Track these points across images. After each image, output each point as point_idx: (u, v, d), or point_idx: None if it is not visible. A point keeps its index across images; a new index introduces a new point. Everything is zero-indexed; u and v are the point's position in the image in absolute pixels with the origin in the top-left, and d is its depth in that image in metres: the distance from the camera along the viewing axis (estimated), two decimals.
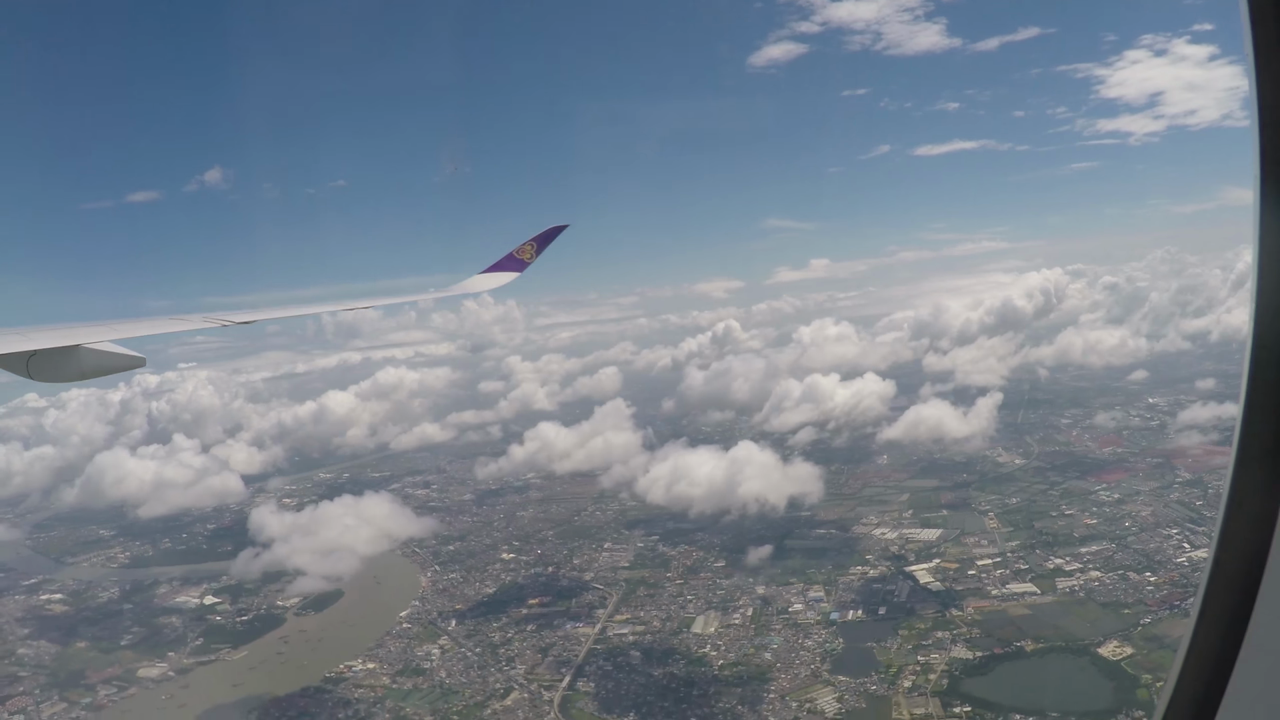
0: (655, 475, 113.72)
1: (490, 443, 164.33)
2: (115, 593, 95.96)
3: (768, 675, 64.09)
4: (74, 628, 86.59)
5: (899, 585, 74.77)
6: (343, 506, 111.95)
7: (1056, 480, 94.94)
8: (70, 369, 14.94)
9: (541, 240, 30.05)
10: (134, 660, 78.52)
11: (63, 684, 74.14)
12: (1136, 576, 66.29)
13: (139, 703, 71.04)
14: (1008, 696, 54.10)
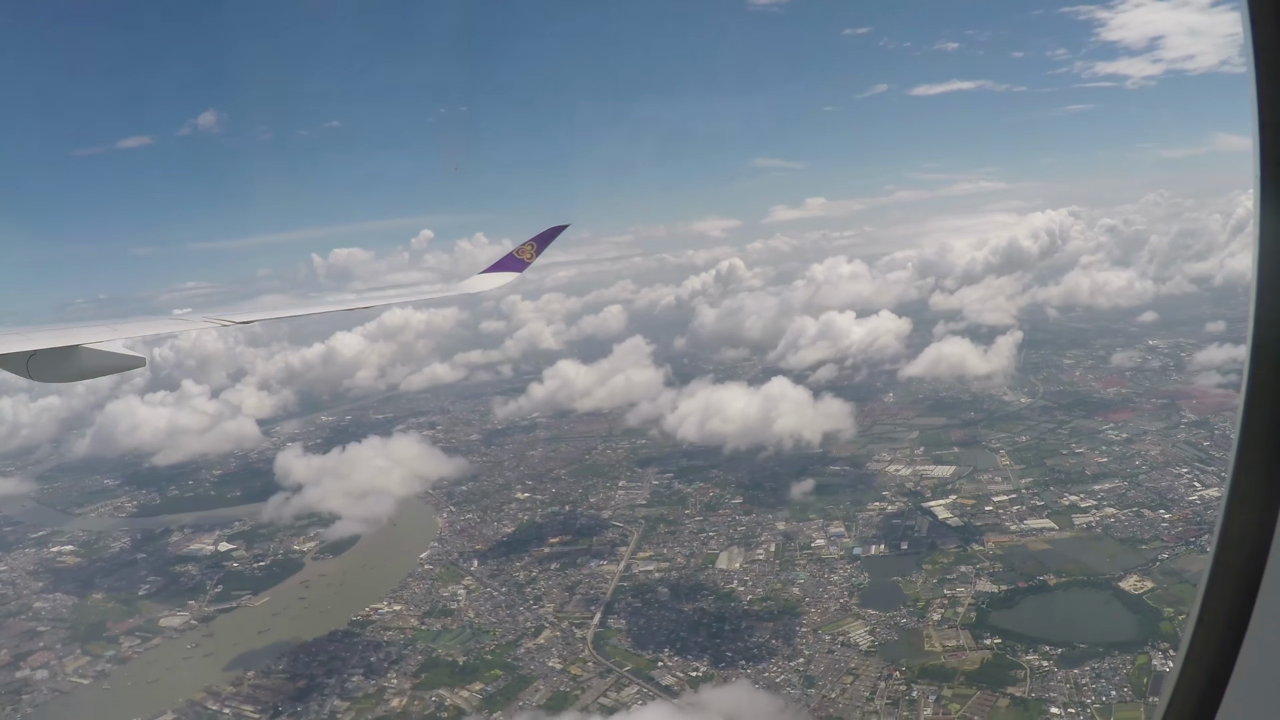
0: (684, 412, 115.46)
1: (501, 382, 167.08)
2: (127, 542, 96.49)
3: (797, 609, 66.86)
4: (89, 579, 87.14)
5: (918, 521, 77.71)
6: (371, 449, 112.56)
7: (1064, 419, 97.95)
8: (70, 369, 15.03)
9: (541, 240, 30.58)
10: (154, 610, 79.32)
11: (84, 637, 74.65)
12: (1150, 514, 69.33)
13: (164, 653, 71.77)
14: (1035, 628, 57.01)
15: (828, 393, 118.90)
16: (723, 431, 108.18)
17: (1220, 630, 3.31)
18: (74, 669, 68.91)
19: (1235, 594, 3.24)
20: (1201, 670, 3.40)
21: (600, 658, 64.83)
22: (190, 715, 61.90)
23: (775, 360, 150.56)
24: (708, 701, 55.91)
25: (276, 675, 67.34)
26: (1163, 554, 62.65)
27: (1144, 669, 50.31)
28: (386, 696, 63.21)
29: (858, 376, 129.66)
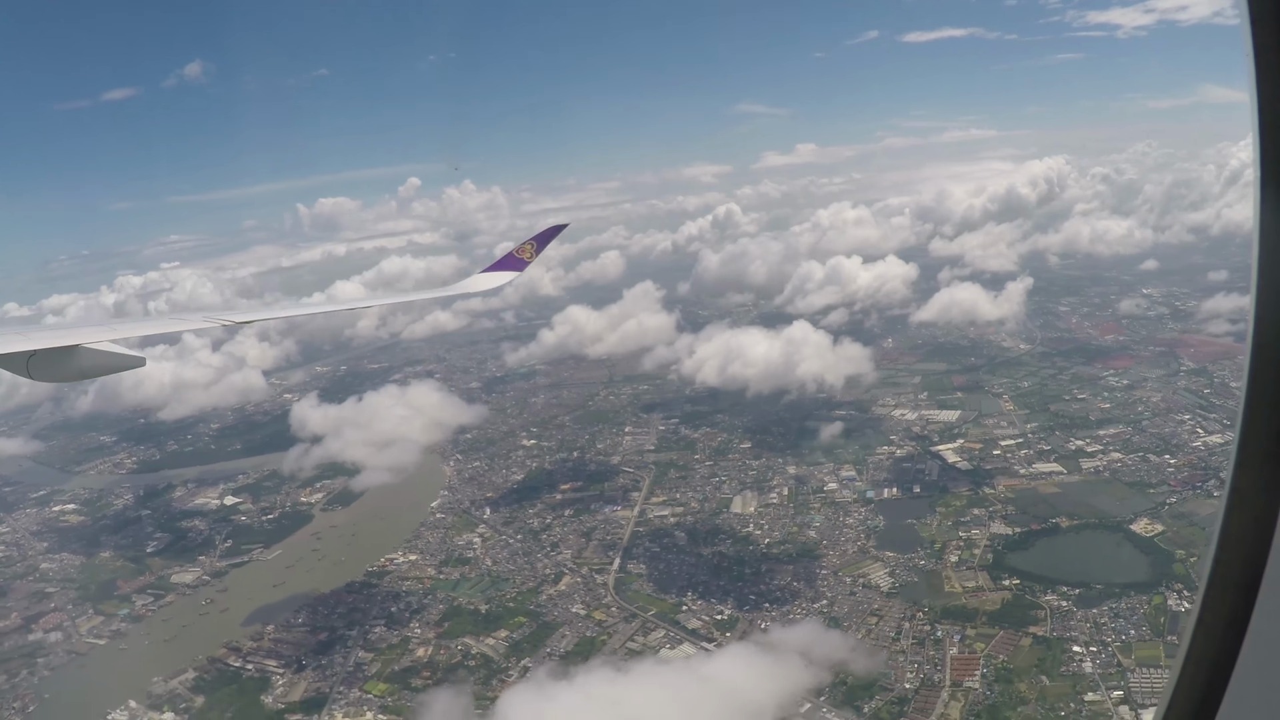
0: (702, 356, 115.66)
1: (504, 329, 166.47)
2: (130, 499, 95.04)
3: (816, 552, 68.33)
4: (94, 538, 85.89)
5: (928, 464, 79.44)
6: (388, 397, 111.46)
7: (1064, 365, 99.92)
8: (70, 369, 15.10)
9: (541, 239, 31.24)
10: (164, 567, 78.43)
11: (95, 596, 73.73)
12: (1156, 459, 71.40)
13: (178, 610, 71.20)
14: (1051, 570, 59.05)
15: (843, 337, 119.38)
16: (743, 376, 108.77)
17: (1220, 630, 3.33)
18: (88, 629, 68.04)
19: (1235, 594, 3.27)
20: (1201, 670, 3.42)
21: (623, 602, 65.91)
22: (213, 672, 61.89)
23: (782, 305, 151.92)
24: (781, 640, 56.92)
25: (297, 628, 67.44)
26: (1170, 498, 64.73)
27: (1160, 609, 52.38)
28: (411, 646, 63.73)
29: (867, 321, 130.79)
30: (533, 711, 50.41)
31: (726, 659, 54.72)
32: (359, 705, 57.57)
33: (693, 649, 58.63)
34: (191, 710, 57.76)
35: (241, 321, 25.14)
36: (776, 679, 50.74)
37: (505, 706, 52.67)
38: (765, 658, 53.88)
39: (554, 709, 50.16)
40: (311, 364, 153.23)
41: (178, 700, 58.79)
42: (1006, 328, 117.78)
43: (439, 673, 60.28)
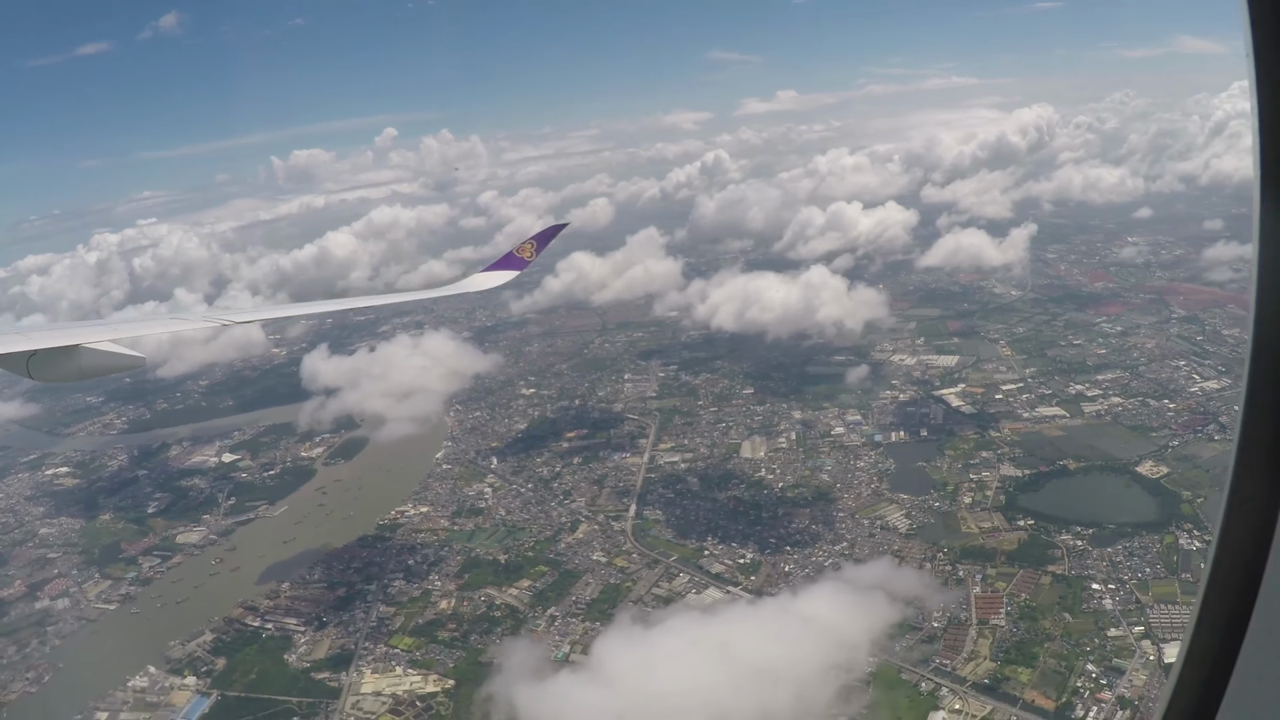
0: (715, 301, 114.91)
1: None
2: (124, 460, 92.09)
3: (831, 495, 69.30)
4: (92, 500, 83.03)
5: (932, 408, 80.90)
6: (399, 347, 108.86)
7: (1057, 312, 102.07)
8: (70, 369, 15.29)
9: (541, 238, 31.42)
10: (168, 528, 76.26)
11: (99, 560, 71.43)
12: (1155, 403, 73.51)
13: (188, 571, 69.45)
14: (1063, 510, 60.83)
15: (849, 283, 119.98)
16: (761, 320, 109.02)
17: (1220, 630, 3.36)
18: (96, 594, 65.95)
19: (1235, 594, 3.30)
20: (1201, 670, 3.45)
21: (644, 549, 66.28)
22: (231, 633, 60.64)
23: (783, 250, 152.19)
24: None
25: (313, 585, 66.29)
26: (1173, 441, 66.78)
27: (1172, 548, 54.46)
28: (433, 599, 63.28)
29: (872, 267, 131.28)
30: (640, 659, 49.87)
31: (810, 598, 55.02)
32: (386, 660, 57.14)
33: (719, 593, 59.50)
34: (214, 673, 56.58)
35: (242, 321, 27.48)
36: (863, 615, 51.59)
37: (603, 656, 52.05)
38: (848, 595, 54.30)
39: (660, 655, 49.79)
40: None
41: (198, 663, 57.48)
42: (1013, 274, 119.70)
43: (464, 625, 60.09)
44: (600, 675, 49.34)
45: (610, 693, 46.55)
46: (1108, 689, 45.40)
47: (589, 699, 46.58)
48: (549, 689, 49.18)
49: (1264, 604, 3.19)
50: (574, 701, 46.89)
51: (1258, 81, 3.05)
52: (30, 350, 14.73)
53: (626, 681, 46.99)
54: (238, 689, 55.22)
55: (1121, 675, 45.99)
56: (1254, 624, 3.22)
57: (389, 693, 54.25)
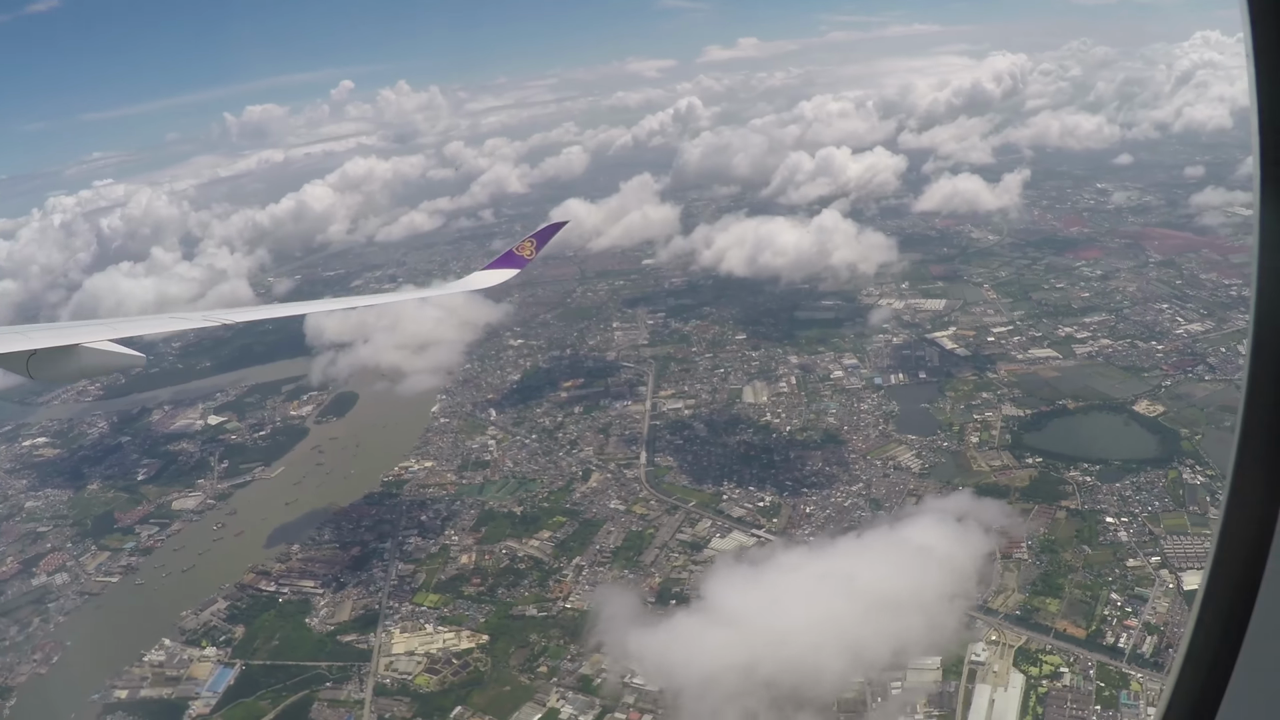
0: (722, 246, 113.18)
1: (484, 227, 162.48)
2: (104, 427, 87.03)
3: (840, 437, 70.09)
4: (76, 470, 78.38)
5: (927, 351, 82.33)
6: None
7: (1036, 256, 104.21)
8: (70, 368, 15.47)
9: (541, 237, 31.80)
10: (161, 494, 72.44)
11: (93, 532, 67.50)
12: (1144, 345, 76.10)
13: (189, 538, 66.28)
14: (1068, 448, 62.79)
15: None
16: (774, 265, 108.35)
17: (1220, 630, 3.39)
18: (95, 567, 62.41)
19: (1235, 594, 3.32)
20: (1201, 670, 3.49)
21: (661, 495, 66.08)
22: (245, 600, 58.05)
23: (773, 196, 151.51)
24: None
25: (325, 546, 63.93)
26: (1166, 381, 69.34)
27: (1177, 482, 56.71)
28: (452, 554, 61.89)
29: (868, 212, 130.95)
30: (767, 596, 49.18)
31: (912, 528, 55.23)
32: (414, 619, 55.80)
33: (744, 536, 59.94)
34: (233, 641, 54.24)
35: (244, 321, 27.69)
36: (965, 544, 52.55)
37: (722, 594, 51.06)
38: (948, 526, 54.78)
39: (789, 592, 49.29)
40: (279, 272, 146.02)
41: (215, 633, 54.97)
42: (1009, 218, 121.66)
43: (489, 578, 59.08)
44: (716, 615, 48.89)
45: (734, 631, 46.20)
46: (1134, 616, 47.55)
47: (715, 640, 46.11)
48: (669, 633, 48.82)
49: (1264, 604, 3.20)
50: (703, 643, 46.39)
51: (1258, 81, 3.03)
52: (30, 350, 14.67)
53: (746, 619, 46.67)
54: (261, 657, 53.15)
55: (1145, 603, 48.19)
56: (1254, 624, 3.22)
57: (422, 652, 53.10)
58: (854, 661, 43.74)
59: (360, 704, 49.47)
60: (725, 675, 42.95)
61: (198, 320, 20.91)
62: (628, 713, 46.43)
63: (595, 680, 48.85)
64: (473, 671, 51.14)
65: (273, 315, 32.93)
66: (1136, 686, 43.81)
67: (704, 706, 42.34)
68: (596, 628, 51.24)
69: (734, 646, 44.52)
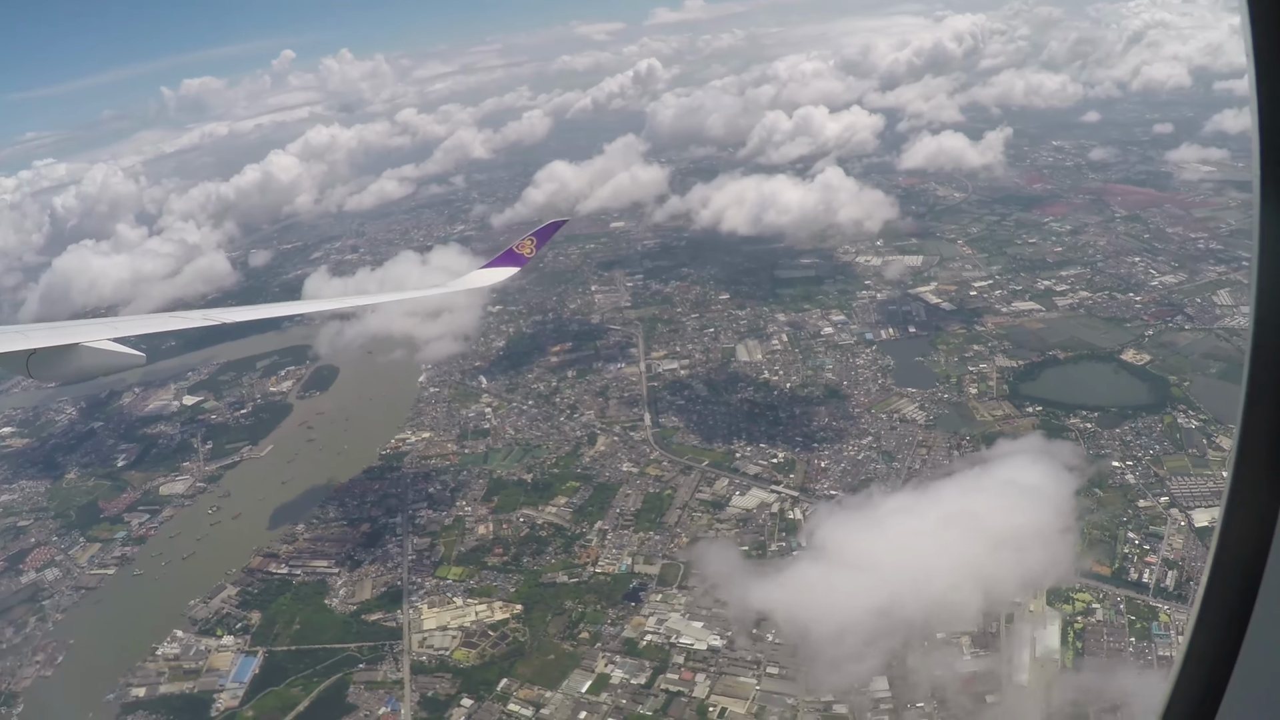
0: (719, 205, 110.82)
1: (455, 193, 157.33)
2: (73, 414, 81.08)
3: (841, 392, 70.66)
4: (51, 459, 72.75)
5: (913, 306, 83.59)
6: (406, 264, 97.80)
7: (1004, 212, 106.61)
8: (70, 368, 15.49)
9: (541, 235, 31.46)
10: (146, 480, 67.73)
11: (79, 523, 62.72)
12: (1122, 296, 78.82)
13: (183, 524, 62.17)
14: (1064, 396, 64.89)
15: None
16: (778, 223, 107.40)
17: (1220, 630, 3.39)
18: (88, 560, 57.84)
19: (1235, 594, 3.34)
20: (1201, 670, 3.48)
21: (673, 456, 65.40)
22: (256, 584, 54.63)
23: (752, 156, 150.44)
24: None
25: (332, 524, 60.85)
26: (1147, 331, 72.08)
27: (1173, 427, 59.16)
28: (468, 525, 59.92)
29: (851, 170, 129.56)
30: (860, 540, 49.20)
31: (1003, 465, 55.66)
32: (441, 593, 53.82)
33: (764, 493, 59.79)
34: (250, 628, 51.09)
35: (245, 321, 26.21)
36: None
37: (841, 544, 50.18)
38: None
39: (878, 535, 49.31)
40: (247, 244, 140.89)
41: (230, 621, 51.63)
42: (994, 174, 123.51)
43: (511, 547, 57.40)
44: (836, 559, 48.65)
45: (864, 574, 45.73)
46: (1153, 553, 49.85)
47: (846, 583, 45.75)
48: (795, 580, 48.37)
49: (1264, 604, 3.20)
50: (836, 586, 46.04)
51: (1258, 81, 3.04)
52: (30, 349, 14.61)
53: (870, 561, 46.43)
54: (284, 642, 50.31)
55: (1161, 540, 50.47)
56: (1254, 624, 3.23)
57: (455, 625, 51.35)
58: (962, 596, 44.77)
59: (399, 684, 47.60)
60: (848, 617, 43.32)
61: (198, 319, 20.71)
62: (679, 672, 46.40)
63: (640, 643, 48.61)
64: (512, 642, 49.74)
65: (273, 315, 31.73)
66: (1165, 618, 45.95)
67: (841, 651, 42.37)
68: (703, 582, 50.83)
69: (847, 589, 45.01)
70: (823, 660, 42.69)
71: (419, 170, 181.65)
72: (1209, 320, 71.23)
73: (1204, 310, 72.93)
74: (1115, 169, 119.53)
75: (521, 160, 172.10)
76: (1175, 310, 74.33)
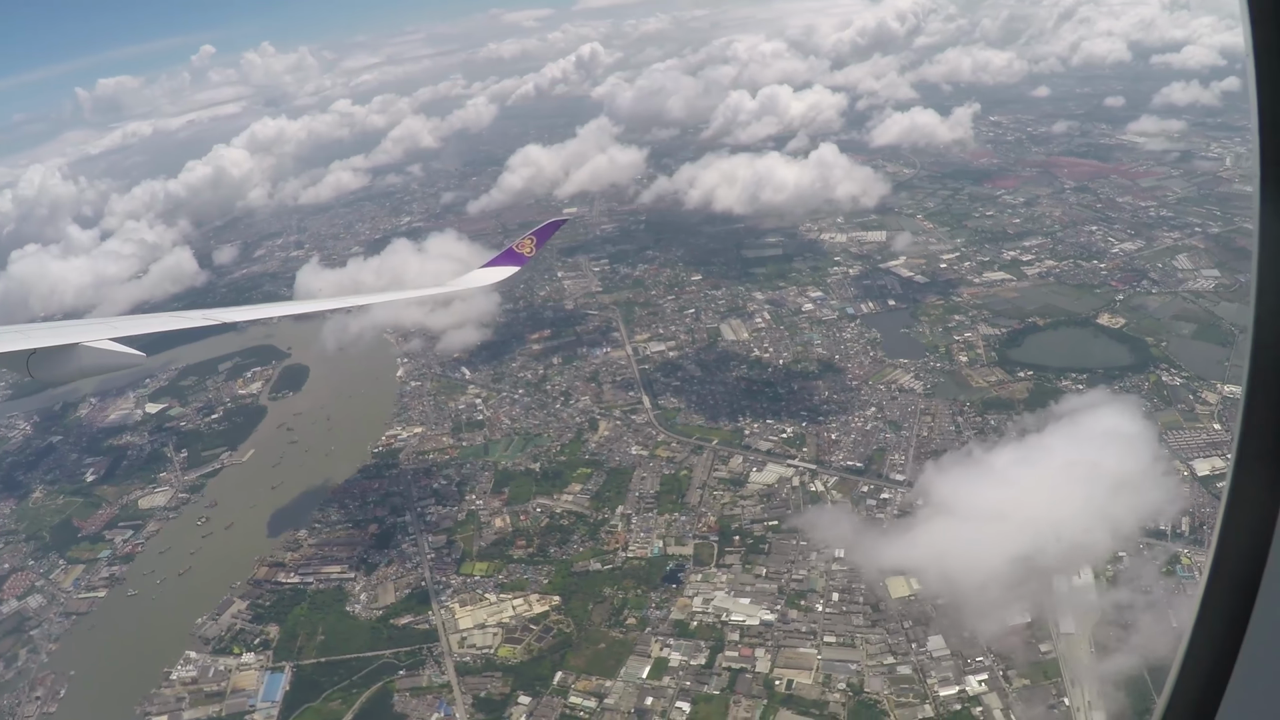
0: (707, 184, 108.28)
1: (412, 183, 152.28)
2: (27, 428, 73.89)
3: (835, 366, 71.05)
4: (10, 478, 66.26)
5: (887, 280, 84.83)
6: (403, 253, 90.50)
7: (956, 187, 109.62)
8: (70, 367, 15.49)
9: (541, 234, 31.55)
10: (122, 494, 61.90)
11: (55, 544, 56.69)
12: (1086, 264, 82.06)
13: (173, 536, 56.96)
14: (1050, 360, 67.11)
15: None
16: (774, 201, 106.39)
17: (1220, 630, 3.38)
18: (72, 583, 51.86)
19: (1235, 594, 3.33)
20: (1201, 670, 3.48)
21: (680, 436, 64.22)
22: (266, 596, 50.23)
23: (718, 137, 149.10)
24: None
25: (336, 527, 56.76)
26: (1117, 296, 75.27)
27: (1159, 384, 61.83)
28: (484, 519, 57.13)
29: (814, 146, 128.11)
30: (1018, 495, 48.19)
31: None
32: (470, 590, 50.93)
33: (781, 468, 59.31)
34: (270, 643, 46.87)
35: (241, 321, 26.55)
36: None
37: (961, 499, 49.48)
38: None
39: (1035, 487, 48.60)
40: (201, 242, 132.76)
41: (246, 636, 47.20)
42: (968, 148, 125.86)
43: (534, 539, 54.96)
44: (960, 513, 48.39)
45: (995, 524, 45.52)
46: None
47: (977, 534, 45.44)
48: (924, 537, 47.92)
49: (1264, 604, 3.22)
50: (969, 538, 45.72)
51: (1258, 81, 3.07)
52: (30, 349, 14.65)
53: (997, 512, 46.20)
54: (310, 655, 46.42)
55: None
56: (1254, 624, 3.25)
57: (493, 622, 48.71)
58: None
59: (445, 687, 44.66)
60: (990, 566, 43.57)
61: (198, 319, 20.35)
62: (738, 649, 45.53)
63: (690, 624, 47.34)
64: (558, 635, 47.63)
65: (273, 314, 31.85)
66: (1186, 560, 48.02)
67: (987, 598, 42.61)
68: (825, 547, 50.18)
69: (980, 540, 45.26)
70: (970, 608, 43.01)
71: (369, 161, 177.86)
72: (1173, 284, 75.37)
73: (1167, 274, 77.12)
74: (1057, 142, 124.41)
75: (468, 148, 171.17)
76: (1140, 275, 78.14)
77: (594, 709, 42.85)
